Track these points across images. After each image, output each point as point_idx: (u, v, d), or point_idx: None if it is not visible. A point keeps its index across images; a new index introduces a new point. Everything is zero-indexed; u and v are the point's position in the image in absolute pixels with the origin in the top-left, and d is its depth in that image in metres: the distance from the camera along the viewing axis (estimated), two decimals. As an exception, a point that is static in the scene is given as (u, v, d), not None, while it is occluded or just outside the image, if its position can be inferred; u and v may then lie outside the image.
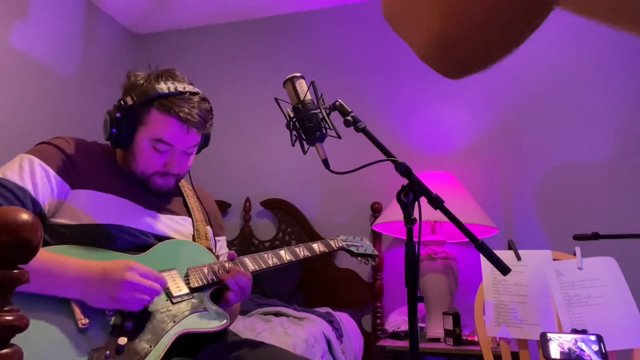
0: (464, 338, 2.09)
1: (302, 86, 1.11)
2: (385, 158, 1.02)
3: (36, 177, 1.07)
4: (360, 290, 2.68)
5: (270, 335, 1.81)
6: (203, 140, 1.29)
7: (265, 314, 2.20)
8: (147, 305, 1.01)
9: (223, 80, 3.22)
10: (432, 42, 0.55)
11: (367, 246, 1.55)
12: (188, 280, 1.12)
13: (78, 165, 1.15)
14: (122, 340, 0.95)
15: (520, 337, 1.43)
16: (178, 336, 1.01)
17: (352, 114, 1.05)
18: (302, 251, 1.36)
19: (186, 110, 1.15)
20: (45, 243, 1.04)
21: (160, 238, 1.18)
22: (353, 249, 1.49)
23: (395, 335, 2.27)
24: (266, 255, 1.29)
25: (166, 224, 1.23)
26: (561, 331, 1.38)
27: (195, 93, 1.19)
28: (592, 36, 2.62)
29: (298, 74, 1.12)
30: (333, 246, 1.44)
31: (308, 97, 1.09)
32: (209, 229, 1.33)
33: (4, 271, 0.45)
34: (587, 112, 2.58)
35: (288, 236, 2.91)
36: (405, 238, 0.94)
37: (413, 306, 0.90)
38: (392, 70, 2.92)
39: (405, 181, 0.97)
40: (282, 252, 1.32)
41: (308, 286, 2.73)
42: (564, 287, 1.45)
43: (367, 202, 2.74)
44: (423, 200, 0.95)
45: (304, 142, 1.09)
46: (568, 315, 1.40)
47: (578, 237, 1.48)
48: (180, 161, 1.21)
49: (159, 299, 1.05)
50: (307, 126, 1.06)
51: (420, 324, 2.28)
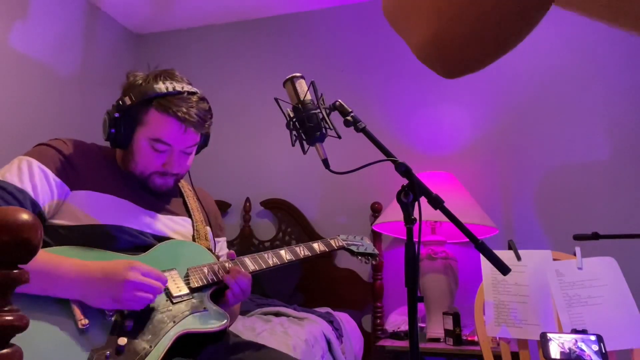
0: (464, 338, 2.09)
1: (302, 86, 1.11)
2: (385, 158, 1.02)
3: (35, 179, 1.07)
4: (360, 290, 2.68)
5: (270, 335, 1.80)
6: (202, 140, 1.29)
7: (265, 314, 2.20)
8: (149, 304, 1.01)
9: (223, 80, 3.22)
10: (429, 42, 0.55)
11: (368, 245, 1.55)
12: (188, 280, 1.12)
13: (77, 166, 1.15)
14: (122, 340, 0.96)
15: (520, 337, 1.43)
16: (178, 336, 1.01)
17: (352, 114, 1.05)
18: (303, 251, 1.35)
19: (184, 109, 1.15)
20: (44, 244, 1.04)
21: (159, 238, 1.18)
22: (353, 248, 1.49)
23: (395, 335, 2.27)
24: (266, 255, 1.29)
25: (166, 225, 1.23)
26: (561, 331, 1.37)
27: (193, 93, 1.19)
28: (592, 36, 2.62)
29: (298, 74, 1.12)
30: (333, 245, 1.43)
31: (308, 97, 1.09)
32: (209, 230, 1.33)
33: (4, 271, 0.45)
34: (587, 112, 2.58)
35: (288, 236, 2.90)
36: (405, 238, 0.94)
37: (413, 306, 0.90)
38: (392, 70, 2.91)
39: (405, 181, 0.97)
40: (282, 252, 1.32)
41: (308, 286, 2.73)
42: (564, 287, 1.45)
43: (367, 202, 2.74)
44: (423, 200, 0.95)
45: (304, 142, 1.09)
46: (568, 315, 1.40)
47: (578, 237, 1.48)
48: (179, 161, 1.21)
49: (159, 299, 1.05)
50: (307, 126, 1.06)
51: (420, 324, 2.28)
